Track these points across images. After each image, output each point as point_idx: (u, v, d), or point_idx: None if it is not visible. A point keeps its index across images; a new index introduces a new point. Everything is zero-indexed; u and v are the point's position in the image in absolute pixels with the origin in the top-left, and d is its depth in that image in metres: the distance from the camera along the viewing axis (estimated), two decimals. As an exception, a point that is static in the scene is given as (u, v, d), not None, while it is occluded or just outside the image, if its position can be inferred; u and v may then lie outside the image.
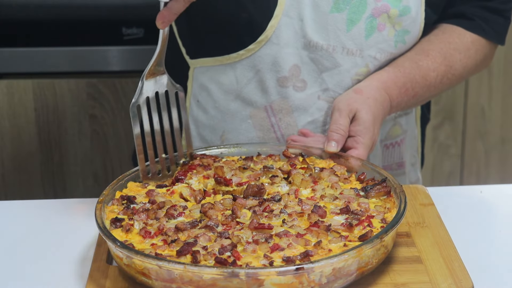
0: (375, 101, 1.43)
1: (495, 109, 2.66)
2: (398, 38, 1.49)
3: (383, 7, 1.46)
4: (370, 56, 1.49)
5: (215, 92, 1.55)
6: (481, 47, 1.57)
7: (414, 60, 1.51)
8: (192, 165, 1.33)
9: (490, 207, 1.38)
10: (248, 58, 1.49)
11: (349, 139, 1.39)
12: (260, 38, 1.47)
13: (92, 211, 1.19)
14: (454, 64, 1.54)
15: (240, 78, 1.52)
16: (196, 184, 1.29)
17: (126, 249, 1.07)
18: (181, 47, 1.59)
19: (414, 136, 1.69)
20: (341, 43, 1.47)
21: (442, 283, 1.09)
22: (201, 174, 1.30)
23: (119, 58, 2.28)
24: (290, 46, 1.48)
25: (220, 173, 1.27)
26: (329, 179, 1.26)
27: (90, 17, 2.27)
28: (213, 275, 1.01)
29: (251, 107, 1.53)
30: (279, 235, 1.10)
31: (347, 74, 1.49)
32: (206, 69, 1.55)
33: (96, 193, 1.33)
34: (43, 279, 1.17)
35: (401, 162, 1.64)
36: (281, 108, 1.52)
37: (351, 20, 1.46)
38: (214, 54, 1.53)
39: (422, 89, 1.52)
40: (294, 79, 1.50)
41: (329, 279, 1.04)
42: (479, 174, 2.73)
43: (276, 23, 1.46)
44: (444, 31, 1.56)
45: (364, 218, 1.15)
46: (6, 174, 2.41)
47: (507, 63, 2.61)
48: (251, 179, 1.27)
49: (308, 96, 1.51)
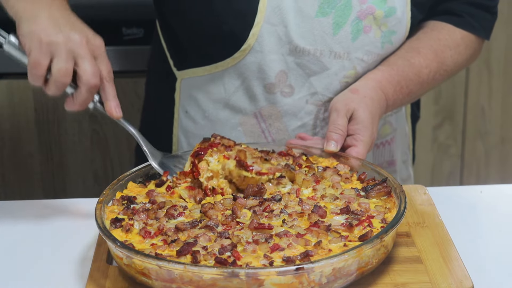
0: (372, 100, 1.43)
1: (495, 109, 2.66)
2: (385, 39, 1.50)
3: (369, 9, 1.47)
4: (357, 58, 1.49)
5: (204, 101, 1.56)
6: (470, 43, 1.58)
7: (406, 58, 1.51)
8: (213, 142, 1.32)
9: (490, 207, 1.38)
10: (234, 66, 1.50)
11: (348, 138, 1.39)
12: (243, 47, 1.48)
13: (92, 211, 1.19)
14: (446, 61, 1.55)
15: (227, 87, 1.53)
16: (215, 163, 1.28)
17: (126, 249, 1.07)
18: (169, 59, 1.60)
19: (405, 133, 1.70)
20: (328, 46, 1.48)
21: (442, 283, 1.09)
22: (222, 153, 1.30)
23: (119, 58, 2.28)
24: (275, 53, 1.48)
25: (242, 157, 1.27)
26: (332, 179, 1.26)
27: (90, 17, 2.26)
28: (213, 275, 1.01)
29: (240, 115, 1.54)
30: (279, 235, 1.10)
31: (335, 77, 1.50)
32: (194, 79, 1.56)
33: (96, 193, 1.33)
34: (43, 279, 1.17)
35: (392, 161, 1.65)
36: (271, 114, 1.53)
37: (337, 24, 1.47)
38: (202, 64, 1.54)
39: (416, 86, 1.52)
40: (281, 85, 1.51)
41: (329, 279, 1.04)
42: (479, 174, 2.73)
43: (258, 30, 1.46)
44: (433, 28, 1.57)
45: (364, 218, 1.15)
46: (6, 174, 2.41)
47: (507, 63, 2.61)
48: (270, 172, 1.27)
49: (296, 101, 1.52)
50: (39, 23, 1.23)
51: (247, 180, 1.27)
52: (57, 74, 1.22)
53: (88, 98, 1.25)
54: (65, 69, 1.22)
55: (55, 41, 1.22)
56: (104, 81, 1.26)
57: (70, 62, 1.22)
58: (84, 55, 1.23)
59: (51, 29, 1.23)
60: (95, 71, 1.24)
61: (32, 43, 1.22)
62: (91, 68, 1.23)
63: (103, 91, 1.26)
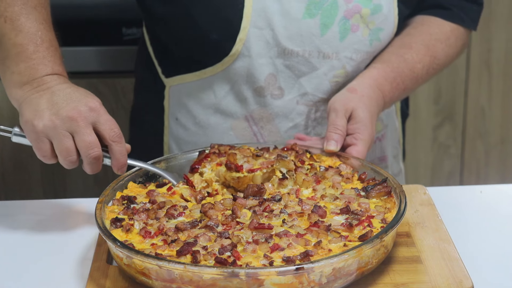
0: (370, 99, 1.44)
1: (495, 109, 2.66)
2: (373, 37, 1.51)
3: (355, 8, 1.48)
4: (346, 57, 1.50)
5: (194, 108, 1.56)
6: (460, 35, 1.60)
7: (399, 54, 1.52)
8: (208, 154, 1.33)
9: (490, 207, 1.38)
10: (223, 71, 1.51)
11: (348, 137, 1.40)
12: (231, 52, 1.48)
13: (92, 211, 1.19)
14: (438, 54, 1.56)
15: (217, 92, 1.53)
16: (209, 172, 1.29)
17: (126, 249, 1.07)
18: (157, 67, 1.60)
19: (395, 128, 1.71)
20: (317, 47, 1.49)
21: (442, 283, 1.09)
22: (214, 161, 1.31)
23: (119, 58, 2.28)
24: (263, 56, 1.49)
25: (232, 160, 1.28)
26: (333, 179, 1.26)
27: (90, 17, 2.27)
28: (213, 275, 1.01)
29: (231, 119, 1.55)
30: (279, 235, 1.10)
31: (325, 77, 1.51)
32: (182, 86, 1.56)
33: (96, 193, 1.33)
34: (43, 279, 1.17)
35: (383, 156, 1.66)
36: (262, 116, 1.53)
37: (324, 24, 1.47)
38: (190, 71, 1.54)
39: (411, 81, 1.53)
40: (271, 88, 1.51)
41: (329, 279, 1.04)
42: (479, 174, 2.73)
43: (245, 35, 1.47)
44: (422, 23, 1.58)
45: (364, 218, 1.15)
46: (6, 174, 2.41)
47: (507, 63, 2.61)
48: (263, 166, 1.28)
49: (287, 102, 1.53)
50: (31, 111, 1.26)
51: (241, 180, 1.27)
52: (60, 156, 1.25)
53: (94, 166, 1.26)
54: (65, 149, 1.24)
55: (48, 125, 1.24)
56: (109, 142, 1.26)
57: (68, 141, 1.24)
58: (77, 129, 1.24)
59: (44, 114, 1.24)
60: (91, 141, 1.24)
61: (28, 132, 1.26)
62: (84, 142, 1.24)
63: (110, 151, 1.27)
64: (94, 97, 1.29)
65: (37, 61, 1.30)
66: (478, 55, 2.59)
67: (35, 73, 1.29)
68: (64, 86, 1.29)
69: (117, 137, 1.26)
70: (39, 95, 1.27)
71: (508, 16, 2.53)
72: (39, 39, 1.31)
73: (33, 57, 1.30)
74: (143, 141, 1.67)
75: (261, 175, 1.28)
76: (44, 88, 1.28)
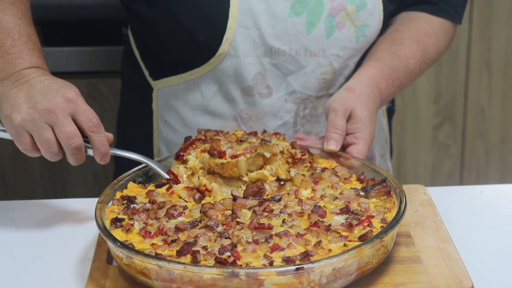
0: (368, 98, 1.44)
1: (495, 109, 2.66)
2: (359, 33, 1.51)
3: (340, 5, 1.48)
4: (333, 54, 1.51)
5: (182, 109, 1.56)
6: (448, 29, 1.61)
7: (392, 51, 1.53)
8: (193, 140, 1.33)
9: (490, 207, 1.38)
10: (210, 72, 1.51)
11: (348, 136, 1.40)
12: (218, 52, 1.49)
13: (92, 211, 1.19)
14: (429, 49, 1.57)
15: (205, 93, 1.54)
16: (193, 159, 1.29)
17: (126, 249, 1.07)
18: (144, 70, 1.60)
19: (382, 127, 1.72)
20: (303, 45, 1.49)
21: (442, 283, 1.09)
22: (199, 148, 1.30)
23: (119, 58, 2.28)
24: (250, 56, 1.49)
25: (215, 146, 1.27)
26: (330, 180, 1.26)
27: (90, 17, 2.27)
28: (213, 275, 1.01)
29: (220, 119, 1.55)
30: (279, 235, 1.10)
31: (312, 74, 1.52)
32: (170, 88, 1.56)
33: (96, 193, 1.33)
34: (43, 279, 1.17)
35: (371, 156, 1.66)
36: (250, 115, 1.54)
37: (310, 23, 1.48)
38: (177, 72, 1.54)
39: (405, 77, 1.54)
40: (259, 87, 1.52)
41: (329, 279, 1.04)
42: (479, 174, 2.73)
43: (231, 35, 1.47)
44: (410, 19, 1.59)
45: (364, 218, 1.15)
46: (6, 174, 2.41)
47: (507, 63, 2.61)
48: (247, 151, 1.27)
49: (275, 100, 1.53)
50: (10, 105, 1.26)
51: (225, 166, 1.27)
52: (41, 148, 1.25)
53: (77, 156, 1.26)
54: (46, 141, 1.24)
55: (26, 119, 1.24)
56: (88, 132, 1.26)
57: (47, 132, 1.24)
58: (56, 121, 1.24)
59: (21, 108, 1.24)
60: (70, 132, 1.24)
61: (8, 127, 1.26)
62: (64, 133, 1.24)
63: (90, 141, 1.27)
64: (71, 88, 1.28)
65: (14, 55, 1.30)
66: (478, 55, 2.59)
67: (13, 68, 1.29)
68: (42, 78, 1.29)
69: (96, 127, 1.26)
70: (18, 89, 1.27)
71: (508, 16, 2.53)
72: (16, 33, 1.31)
73: (10, 52, 1.30)
74: (132, 144, 1.67)
75: (245, 160, 1.27)
76: (22, 82, 1.28)
